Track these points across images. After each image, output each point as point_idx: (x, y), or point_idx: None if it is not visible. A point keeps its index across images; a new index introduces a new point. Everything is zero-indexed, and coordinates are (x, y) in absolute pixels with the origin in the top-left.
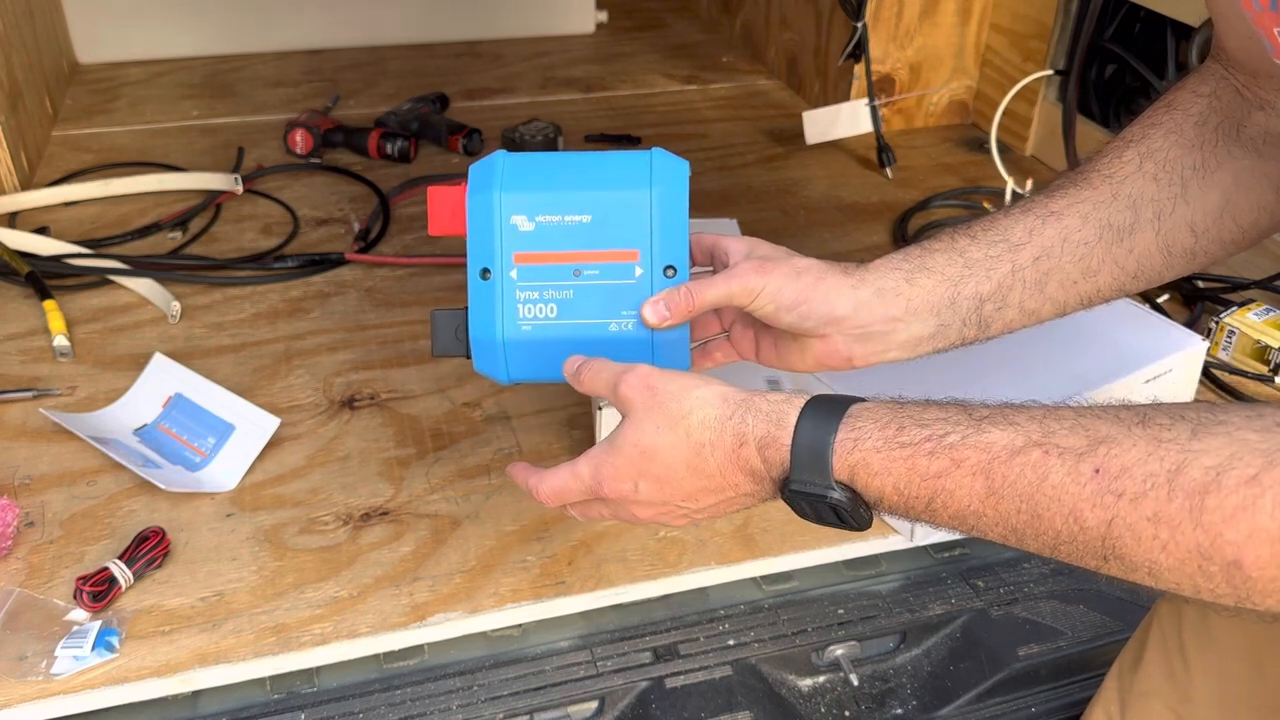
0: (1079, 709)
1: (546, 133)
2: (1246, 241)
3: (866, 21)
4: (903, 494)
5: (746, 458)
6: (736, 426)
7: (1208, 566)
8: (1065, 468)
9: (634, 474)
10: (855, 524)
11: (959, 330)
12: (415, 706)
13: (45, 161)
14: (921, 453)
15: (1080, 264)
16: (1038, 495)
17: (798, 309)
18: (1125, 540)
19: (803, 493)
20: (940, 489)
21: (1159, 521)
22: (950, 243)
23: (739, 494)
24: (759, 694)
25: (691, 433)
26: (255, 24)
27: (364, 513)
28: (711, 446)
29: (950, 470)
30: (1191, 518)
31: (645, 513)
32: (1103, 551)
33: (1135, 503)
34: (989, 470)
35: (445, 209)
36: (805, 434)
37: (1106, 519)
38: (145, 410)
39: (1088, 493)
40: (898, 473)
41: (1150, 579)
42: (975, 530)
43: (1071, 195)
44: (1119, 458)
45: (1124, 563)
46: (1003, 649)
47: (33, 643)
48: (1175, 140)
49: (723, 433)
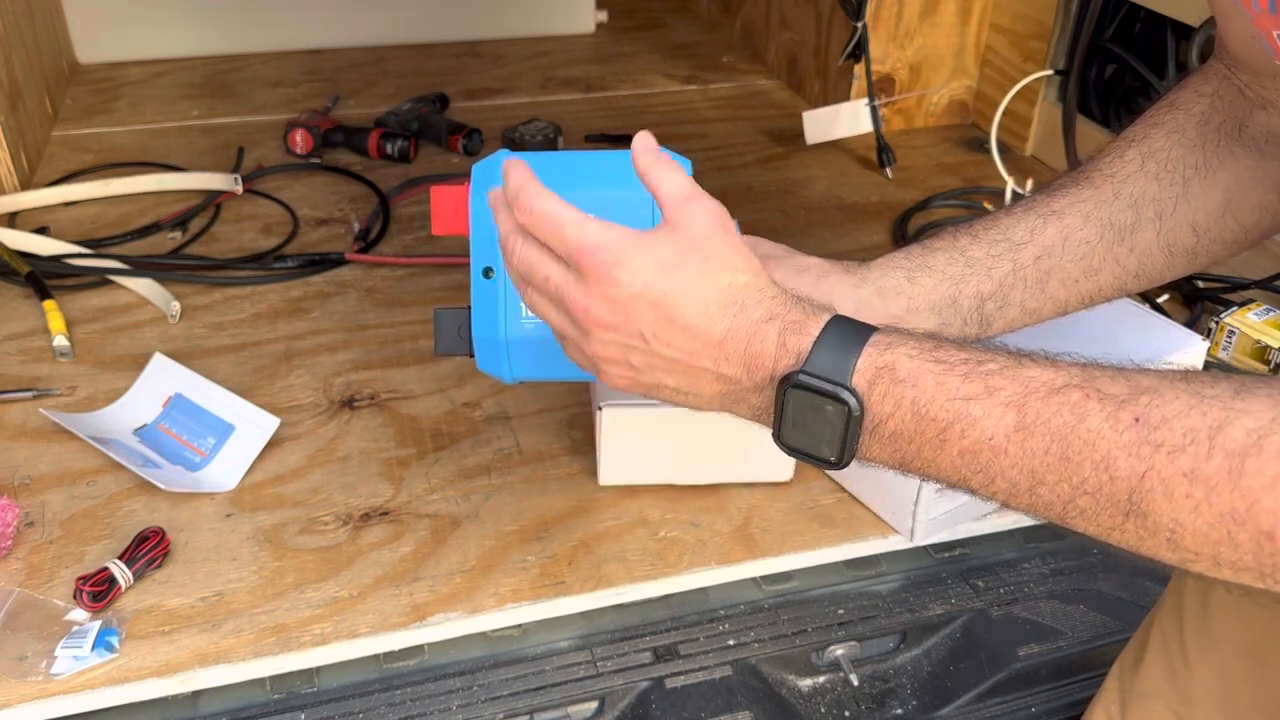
0: (1079, 709)
1: (546, 133)
2: (1249, 241)
3: (866, 21)
4: (920, 413)
5: (764, 337)
6: (771, 304)
7: (1237, 534)
8: (1105, 412)
9: (641, 274)
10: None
11: (960, 329)
12: (415, 706)
13: (45, 161)
14: (956, 372)
15: (1082, 263)
16: (1071, 436)
17: None
18: (1155, 495)
19: (810, 385)
20: (964, 414)
21: (1195, 479)
22: (952, 242)
23: (715, 370)
24: (759, 694)
25: (731, 287)
26: (255, 24)
27: (364, 513)
28: (739, 307)
29: (981, 395)
30: (1230, 479)
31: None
32: (1127, 506)
33: (1173, 456)
34: (1023, 404)
35: (448, 209)
36: (838, 326)
37: (1140, 470)
38: (145, 410)
39: (1125, 440)
40: (924, 385)
41: (1169, 545)
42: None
43: (1073, 194)
44: (1160, 408)
45: (1146, 521)
46: (1003, 649)
47: (33, 643)
48: (1177, 140)
49: (758, 301)
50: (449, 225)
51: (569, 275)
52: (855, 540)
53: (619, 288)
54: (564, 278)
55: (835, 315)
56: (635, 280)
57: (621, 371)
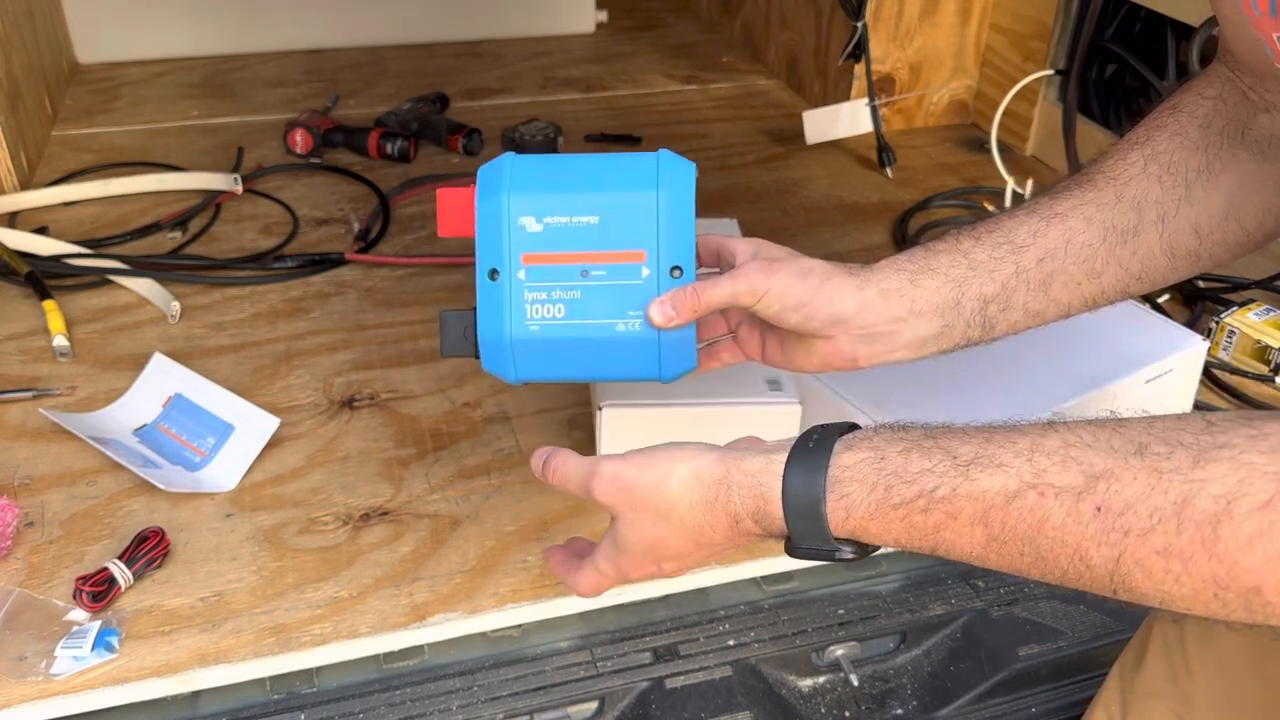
0: (1079, 709)
1: (546, 133)
2: (1251, 244)
3: (866, 21)
4: (906, 546)
5: (747, 530)
6: (724, 507)
7: (1224, 594)
8: (1064, 508)
9: (652, 560)
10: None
11: (963, 331)
12: (415, 707)
13: (45, 161)
14: (915, 510)
15: (1084, 266)
16: (1039, 538)
17: (803, 309)
18: (1135, 575)
19: (810, 553)
20: (941, 541)
21: (1169, 555)
22: (954, 244)
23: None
24: (759, 694)
25: (686, 521)
26: (255, 24)
27: (364, 513)
28: (710, 527)
29: (947, 523)
30: (1205, 548)
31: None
32: (1112, 586)
33: (1143, 538)
34: (986, 519)
35: (454, 210)
36: (795, 506)
37: (1114, 556)
38: (145, 410)
39: (1091, 532)
40: (896, 532)
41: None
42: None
43: (1076, 197)
44: (1120, 494)
45: (1134, 594)
46: (1003, 649)
47: (32, 643)
48: (1180, 143)
49: (714, 515)
50: (455, 228)
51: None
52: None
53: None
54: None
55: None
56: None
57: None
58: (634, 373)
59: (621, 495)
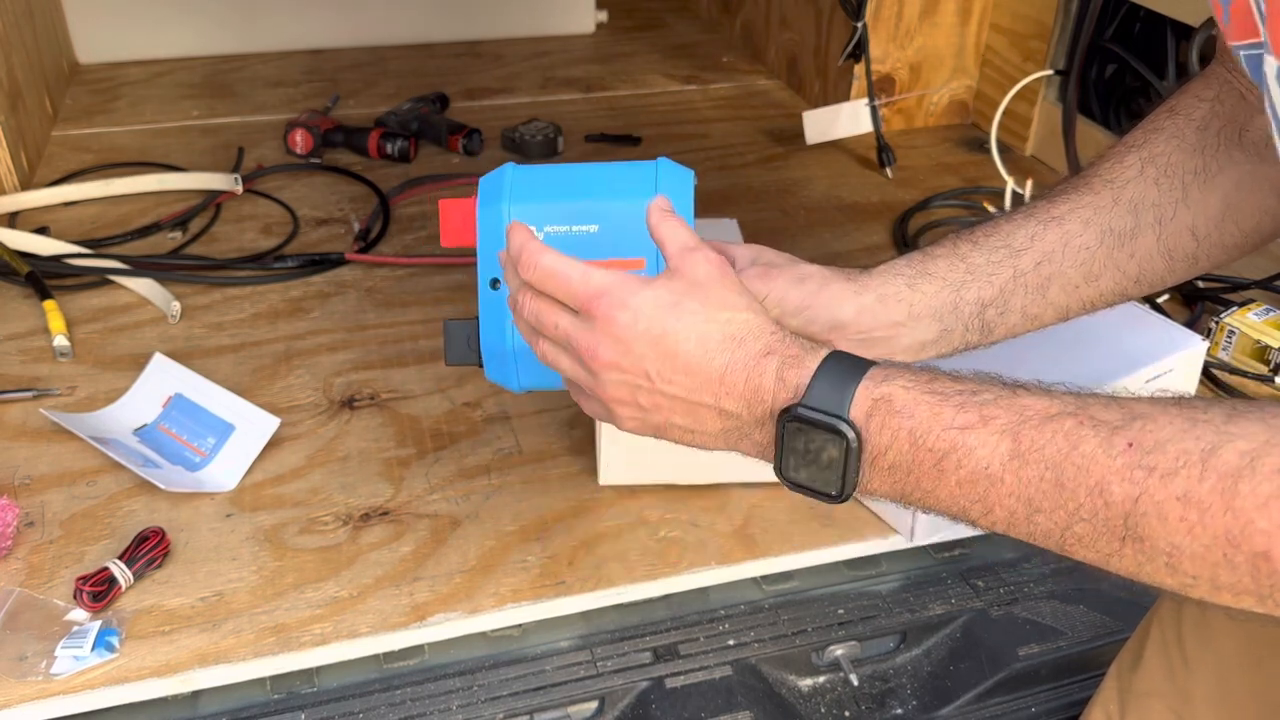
0: (1079, 709)
1: (546, 133)
2: (1249, 246)
3: (866, 21)
4: (917, 444)
5: (762, 370)
6: (770, 339)
7: (1234, 555)
8: (1099, 438)
9: (644, 314)
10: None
11: (962, 335)
12: (415, 706)
13: (45, 161)
14: (951, 403)
15: (1082, 269)
16: (1065, 463)
17: (802, 314)
18: (1150, 519)
19: (809, 418)
20: (960, 444)
21: (1188, 502)
22: (952, 248)
23: (717, 406)
24: (759, 694)
25: (730, 323)
26: (255, 24)
27: (364, 513)
28: (738, 343)
29: (976, 425)
30: (1223, 501)
31: (605, 356)
32: (1123, 531)
33: (1166, 480)
34: (1018, 432)
35: (457, 220)
36: (835, 361)
37: (1134, 494)
38: (145, 410)
39: (1118, 465)
40: (920, 416)
41: (1167, 570)
42: (980, 502)
43: (1073, 200)
44: (1154, 433)
45: (1143, 546)
46: (1003, 649)
47: (33, 643)
48: (1177, 145)
49: (757, 337)
50: (457, 237)
51: (577, 320)
52: (855, 540)
53: (623, 326)
54: (572, 323)
55: (834, 350)
56: (638, 319)
57: (631, 413)
58: None
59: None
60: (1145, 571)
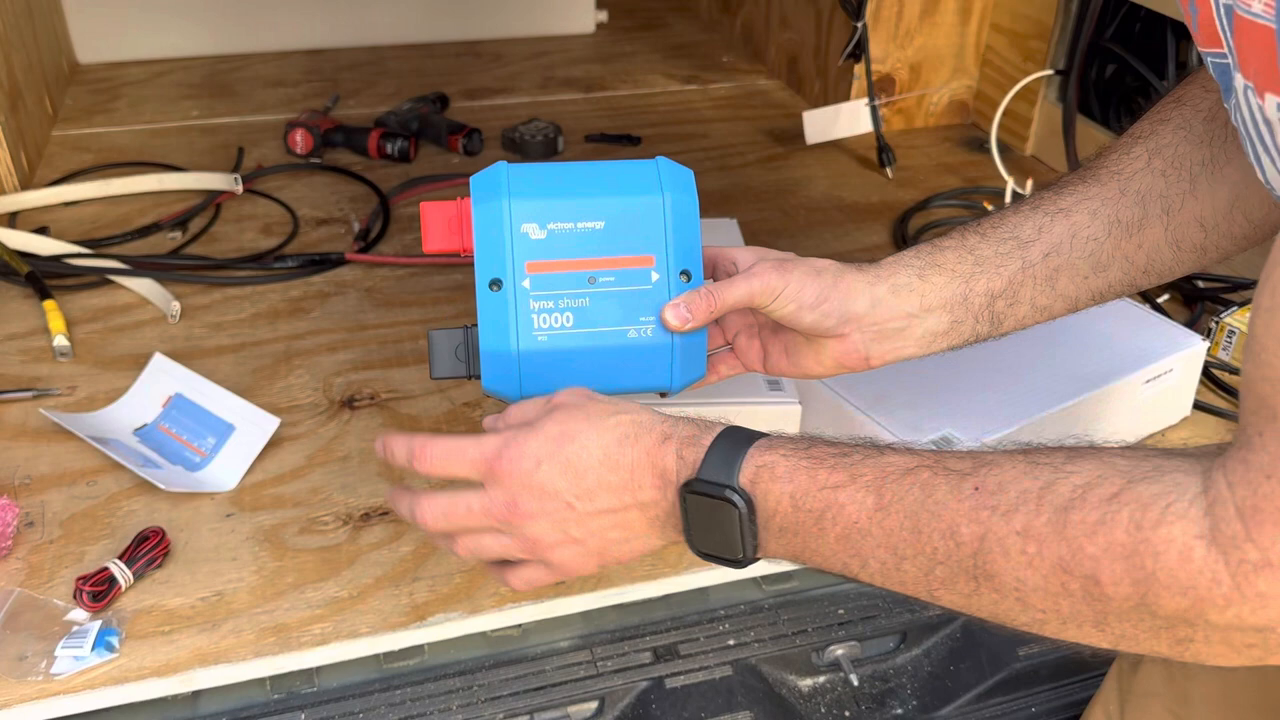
0: (1079, 709)
1: (546, 133)
2: (1259, 236)
3: (866, 21)
4: (798, 506)
5: (665, 454)
6: (664, 427)
7: (1069, 583)
8: (949, 485)
9: (544, 452)
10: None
11: (972, 326)
12: (415, 706)
13: (45, 161)
14: (825, 465)
15: (1090, 260)
16: (921, 511)
17: (820, 307)
18: (995, 556)
19: (703, 492)
20: (834, 501)
21: (1027, 536)
22: (960, 240)
23: (637, 502)
24: (759, 694)
25: (620, 425)
26: (255, 24)
27: (364, 513)
28: (634, 439)
29: (846, 484)
30: (1056, 531)
31: (526, 507)
32: (974, 569)
33: (1007, 517)
34: (880, 486)
35: (440, 224)
36: (727, 435)
37: (980, 533)
38: (145, 410)
39: (966, 508)
40: (799, 481)
41: (1020, 606)
42: (856, 556)
43: (1080, 192)
44: (998, 476)
45: (994, 583)
46: (1003, 649)
47: (33, 643)
48: (1184, 136)
49: (651, 430)
50: (442, 242)
51: (485, 490)
52: None
53: (530, 472)
54: (482, 495)
55: (727, 426)
56: (541, 456)
57: (571, 552)
58: (645, 382)
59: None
60: (1002, 610)
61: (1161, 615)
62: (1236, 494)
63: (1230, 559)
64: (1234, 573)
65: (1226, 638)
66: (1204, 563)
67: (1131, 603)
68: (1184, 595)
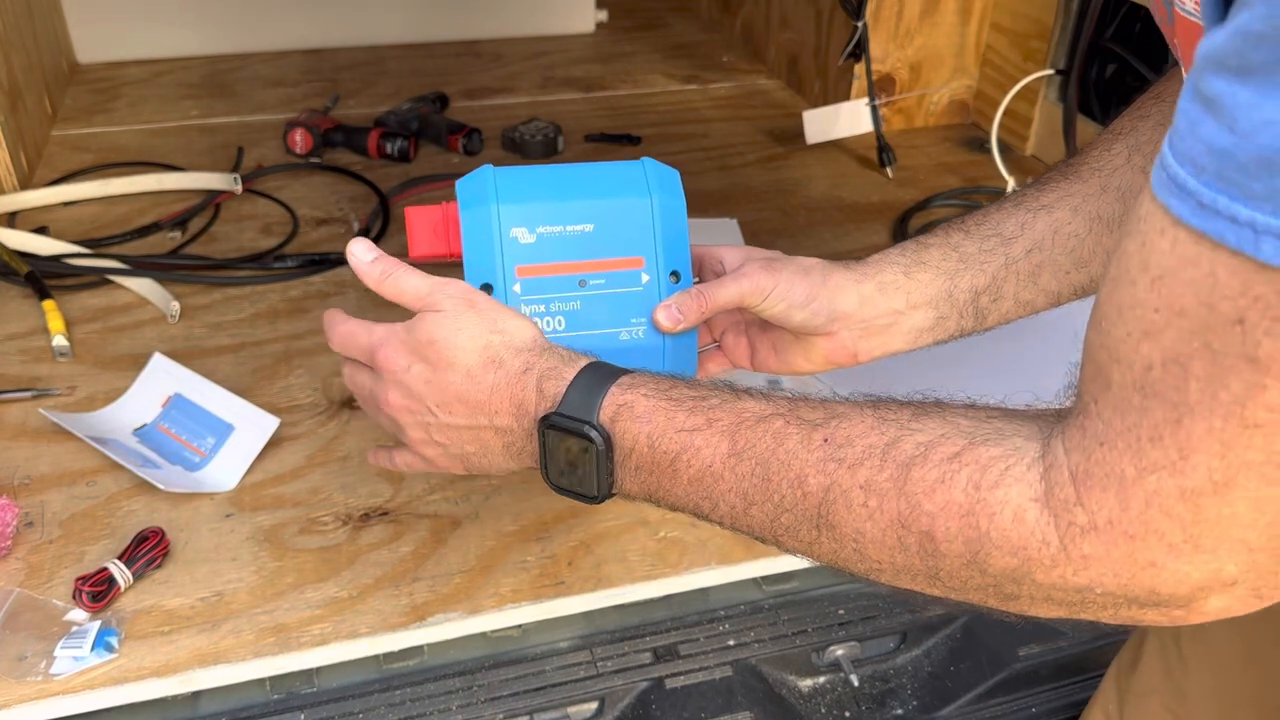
0: (1079, 709)
1: (546, 133)
2: None
3: (866, 21)
4: (654, 446)
5: (524, 385)
6: (529, 356)
7: (906, 537)
8: (800, 435)
9: (415, 354)
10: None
11: (957, 322)
12: (415, 707)
13: (45, 161)
14: (683, 408)
15: (1072, 255)
16: (772, 459)
17: (809, 306)
18: (838, 506)
19: (561, 427)
20: (689, 444)
21: (869, 489)
22: (944, 238)
23: (492, 426)
24: (759, 694)
25: (490, 346)
26: (255, 24)
27: (364, 513)
28: (498, 364)
29: (702, 427)
30: (896, 487)
31: (394, 400)
32: (817, 518)
33: (852, 470)
34: (735, 432)
35: (426, 229)
36: (590, 371)
37: (826, 484)
38: (145, 410)
39: (814, 459)
40: (657, 421)
41: (856, 555)
42: (708, 498)
43: (1062, 189)
44: (846, 429)
45: (835, 533)
46: (1003, 649)
47: (32, 643)
48: (1163, 131)
49: (516, 356)
50: (427, 247)
51: (374, 376)
52: None
53: (401, 371)
54: (372, 378)
55: (591, 361)
56: (412, 358)
57: (435, 452)
58: None
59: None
60: (841, 557)
61: (991, 573)
62: (1071, 459)
63: (1060, 521)
64: (1062, 535)
65: (1049, 595)
66: (1035, 525)
67: (963, 560)
68: (1014, 555)
